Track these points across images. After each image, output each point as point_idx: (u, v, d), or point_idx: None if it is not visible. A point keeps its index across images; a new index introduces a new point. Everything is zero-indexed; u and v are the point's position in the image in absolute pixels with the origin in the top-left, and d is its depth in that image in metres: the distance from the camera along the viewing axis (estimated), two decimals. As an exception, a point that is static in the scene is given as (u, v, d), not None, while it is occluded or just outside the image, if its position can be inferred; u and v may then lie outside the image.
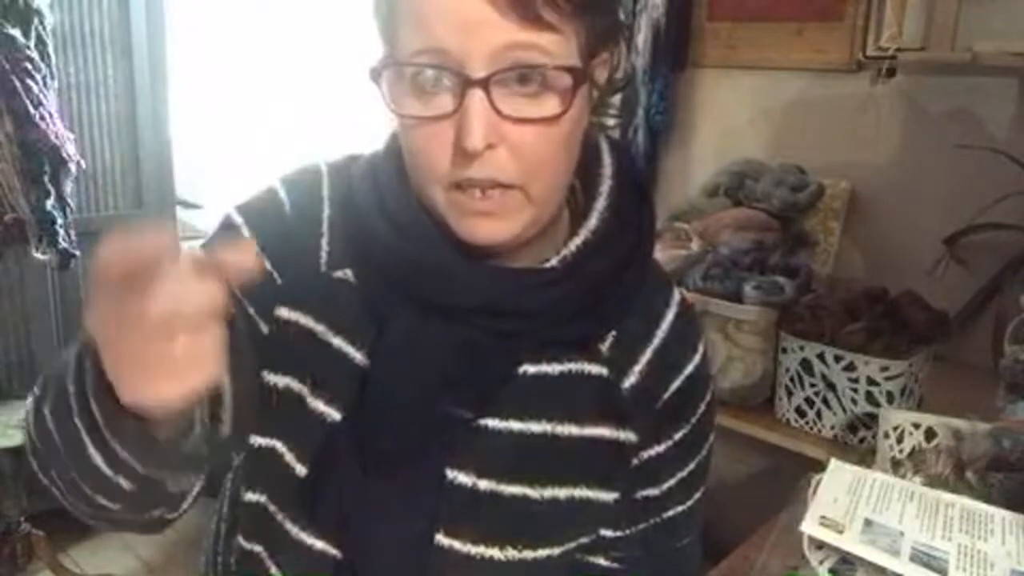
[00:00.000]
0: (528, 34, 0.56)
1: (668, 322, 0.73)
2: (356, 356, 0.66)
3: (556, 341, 0.68)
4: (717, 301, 1.76)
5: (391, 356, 0.65)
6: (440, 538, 0.67)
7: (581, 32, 0.58)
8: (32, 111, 1.93)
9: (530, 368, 0.67)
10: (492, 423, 0.67)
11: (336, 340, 0.66)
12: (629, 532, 0.76)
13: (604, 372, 0.69)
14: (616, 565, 0.77)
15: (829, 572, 0.85)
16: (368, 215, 0.66)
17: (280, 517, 0.68)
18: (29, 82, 1.92)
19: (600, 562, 0.76)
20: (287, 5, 2.62)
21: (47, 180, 2.00)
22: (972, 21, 1.88)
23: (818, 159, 2.11)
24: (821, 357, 1.61)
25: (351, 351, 0.66)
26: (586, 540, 0.73)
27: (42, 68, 1.97)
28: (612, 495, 0.72)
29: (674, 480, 0.75)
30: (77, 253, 2.08)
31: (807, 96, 2.18)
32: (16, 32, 1.91)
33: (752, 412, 1.77)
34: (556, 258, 0.66)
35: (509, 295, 0.64)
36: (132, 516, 0.59)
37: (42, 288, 2.29)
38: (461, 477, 0.66)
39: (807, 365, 1.64)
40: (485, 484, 0.67)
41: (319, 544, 0.68)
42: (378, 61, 0.61)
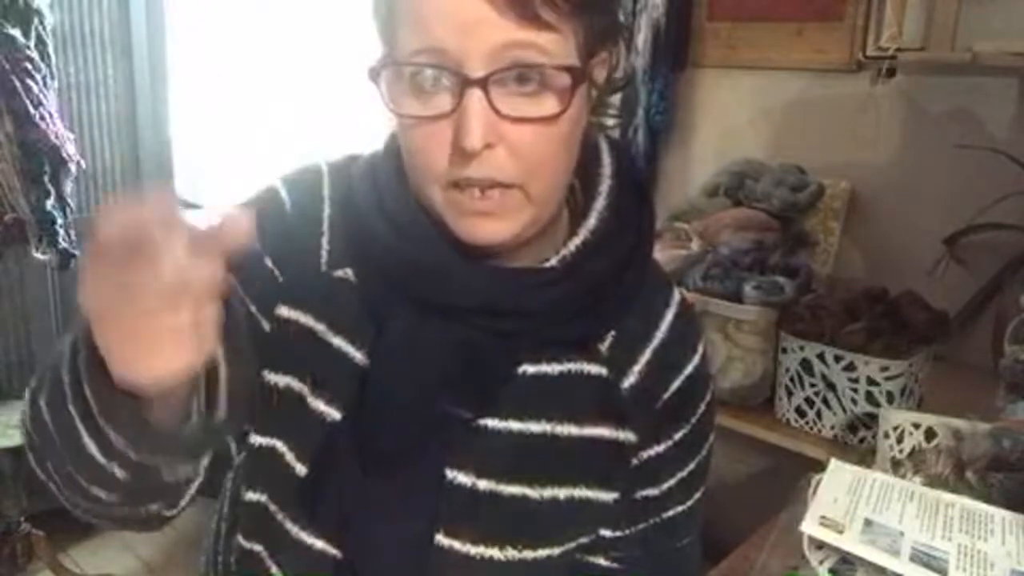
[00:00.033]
0: (526, 33, 0.56)
1: (668, 322, 0.73)
2: (356, 356, 0.66)
3: (555, 341, 0.68)
4: (717, 301, 1.76)
5: (390, 356, 0.65)
6: (440, 538, 0.66)
7: (579, 31, 0.58)
8: (32, 111, 1.93)
9: (529, 368, 0.67)
10: (491, 423, 0.67)
11: (336, 340, 0.67)
12: (629, 532, 0.76)
13: (603, 372, 0.69)
14: (616, 565, 0.77)
15: (829, 572, 0.85)
16: (367, 215, 0.66)
17: (280, 517, 0.68)
18: (29, 82, 1.93)
19: (600, 562, 0.76)
20: (287, 5, 2.61)
21: (47, 180, 2.00)
22: (972, 21, 1.88)
23: (818, 159, 2.11)
24: (821, 357, 1.61)
25: (351, 350, 0.66)
26: (586, 540, 0.73)
27: (42, 68, 1.97)
28: (612, 495, 0.72)
29: (674, 480, 0.75)
30: (77, 253, 2.08)
31: (807, 96, 2.18)
32: (16, 32, 1.91)
33: (752, 412, 1.76)
34: (556, 258, 0.66)
35: (509, 295, 0.64)
36: (129, 511, 0.59)
37: (42, 288, 2.30)
38: (461, 477, 0.66)
39: (807, 365, 1.64)
40: (485, 484, 0.67)
41: (319, 544, 0.68)
42: (377, 61, 0.61)
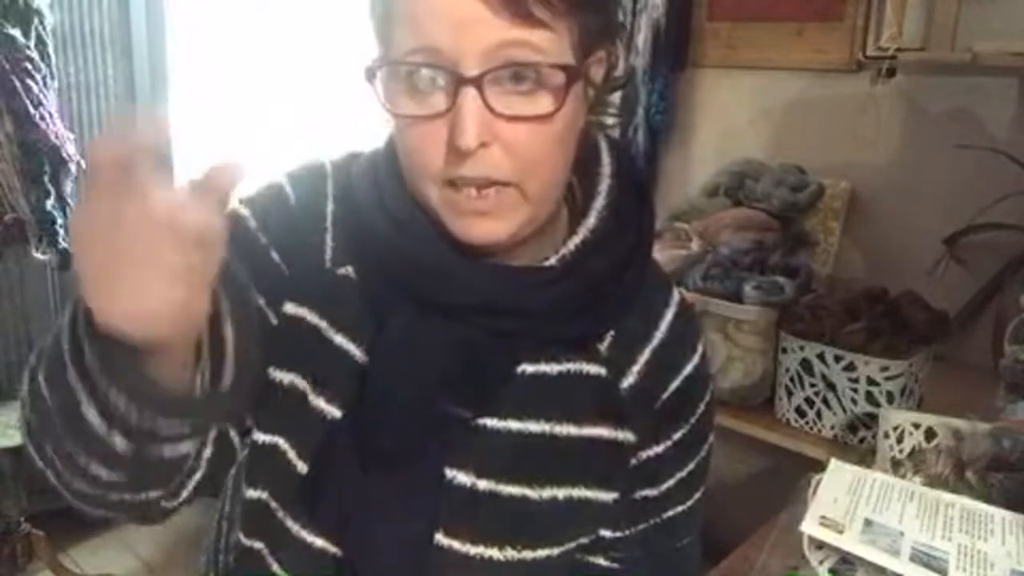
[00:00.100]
0: (520, 32, 0.56)
1: (667, 322, 0.73)
2: (357, 353, 0.66)
3: (555, 340, 0.67)
4: (717, 301, 1.76)
5: (390, 354, 0.65)
6: (439, 538, 0.66)
7: (574, 29, 0.58)
8: (32, 111, 1.93)
9: (529, 367, 0.67)
10: (491, 422, 0.67)
11: (338, 337, 0.67)
12: (629, 532, 0.76)
13: (603, 372, 0.69)
14: (616, 565, 0.77)
15: (829, 572, 0.85)
16: (368, 211, 0.66)
17: (281, 514, 0.68)
18: (29, 82, 1.93)
19: (600, 562, 0.76)
20: (287, 5, 2.61)
21: (47, 180, 2.00)
22: (972, 21, 1.87)
23: (818, 159, 2.11)
24: (821, 357, 1.61)
25: (352, 348, 0.66)
26: (585, 540, 0.73)
27: (42, 68, 1.97)
28: (611, 495, 0.72)
29: (673, 480, 0.75)
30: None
31: (807, 96, 2.17)
32: (16, 32, 1.91)
33: (752, 412, 1.76)
34: (555, 257, 0.66)
35: (508, 294, 0.64)
36: (128, 497, 0.59)
37: (42, 288, 2.29)
38: (460, 476, 0.66)
39: (807, 365, 1.64)
40: (484, 484, 0.67)
41: (319, 542, 0.68)
42: (373, 61, 0.61)
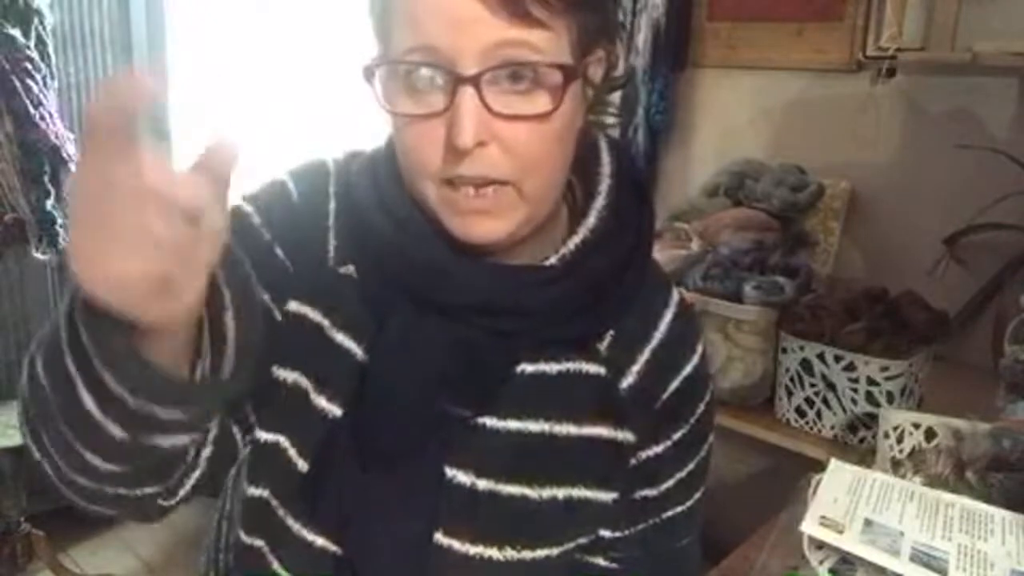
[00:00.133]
0: (518, 31, 0.56)
1: (666, 322, 0.73)
2: (358, 352, 0.66)
3: (554, 340, 0.67)
4: (717, 301, 1.76)
5: (390, 353, 0.65)
6: (439, 537, 0.66)
7: (572, 29, 0.58)
8: (32, 111, 1.93)
9: (528, 367, 0.67)
10: (490, 422, 0.67)
11: (339, 336, 0.67)
12: (628, 532, 0.76)
13: (602, 372, 0.69)
14: (615, 565, 0.76)
15: (829, 572, 0.85)
16: (367, 210, 0.66)
17: (281, 512, 0.68)
18: (29, 82, 1.93)
19: (599, 562, 0.76)
20: (287, 5, 2.62)
21: (47, 180, 2.00)
22: (972, 21, 1.88)
23: (818, 159, 2.11)
24: (821, 357, 1.61)
25: (353, 347, 0.66)
26: (585, 540, 0.73)
27: (42, 68, 1.97)
28: (610, 495, 0.72)
29: (673, 480, 0.75)
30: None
31: (807, 96, 2.17)
32: (16, 32, 1.91)
33: (752, 412, 1.76)
34: (555, 256, 0.66)
35: (508, 293, 0.64)
36: (125, 491, 0.59)
37: (42, 288, 2.29)
38: (460, 476, 0.66)
39: (807, 365, 1.64)
40: (484, 483, 0.67)
41: (319, 540, 0.68)
42: (371, 60, 0.61)
